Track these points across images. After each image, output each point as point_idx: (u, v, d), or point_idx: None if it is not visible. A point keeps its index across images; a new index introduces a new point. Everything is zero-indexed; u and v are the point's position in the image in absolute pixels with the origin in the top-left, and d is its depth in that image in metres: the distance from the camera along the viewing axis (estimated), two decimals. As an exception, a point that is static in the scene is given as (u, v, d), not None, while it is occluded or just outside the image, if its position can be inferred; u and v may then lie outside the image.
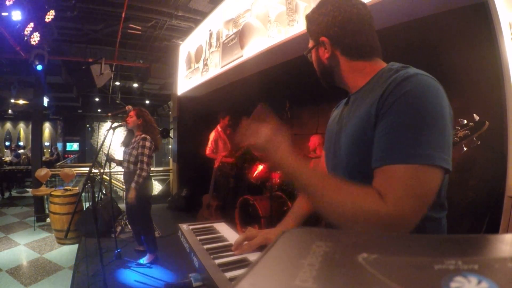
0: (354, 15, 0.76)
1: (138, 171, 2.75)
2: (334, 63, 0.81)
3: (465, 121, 1.48)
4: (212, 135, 4.40)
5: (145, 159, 2.77)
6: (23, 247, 4.04)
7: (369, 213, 0.57)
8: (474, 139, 1.43)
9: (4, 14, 3.88)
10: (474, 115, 1.48)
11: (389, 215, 0.56)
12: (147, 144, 2.81)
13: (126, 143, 3.00)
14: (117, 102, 10.41)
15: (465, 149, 1.44)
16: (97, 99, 12.18)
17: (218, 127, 4.42)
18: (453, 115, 0.66)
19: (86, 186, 2.40)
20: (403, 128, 0.59)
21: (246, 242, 0.86)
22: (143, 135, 2.86)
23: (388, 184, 0.58)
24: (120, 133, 3.63)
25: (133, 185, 2.71)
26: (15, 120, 13.50)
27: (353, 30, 0.77)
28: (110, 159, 2.98)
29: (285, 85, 3.98)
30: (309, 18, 0.85)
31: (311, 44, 0.86)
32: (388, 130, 0.60)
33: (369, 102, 0.68)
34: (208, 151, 4.36)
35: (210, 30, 4.29)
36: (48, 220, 4.94)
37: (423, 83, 0.61)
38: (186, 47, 5.36)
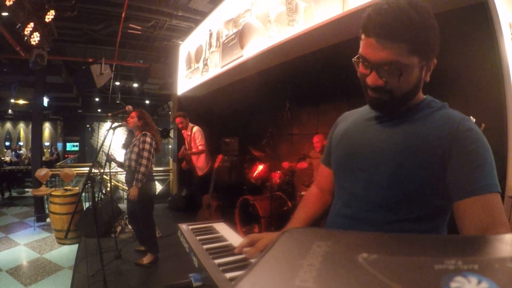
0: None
1: (137, 167, 2.74)
2: (420, 88, 0.76)
3: None
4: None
5: (146, 154, 2.77)
6: (23, 247, 4.04)
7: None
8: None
9: (4, 14, 3.88)
10: (471, 117, 1.48)
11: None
12: (148, 139, 2.81)
13: (126, 145, 3.01)
14: (117, 102, 10.41)
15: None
16: (97, 99, 12.18)
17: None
18: None
19: (86, 186, 2.40)
20: (480, 164, 0.67)
21: (248, 248, 0.83)
22: (143, 132, 2.87)
23: (496, 214, 0.65)
24: (120, 133, 3.63)
25: (134, 183, 2.71)
26: (15, 120, 13.49)
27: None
28: (110, 159, 2.98)
29: (285, 85, 3.98)
30: (425, 28, 0.65)
31: (412, 59, 0.66)
32: (469, 165, 0.67)
33: (428, 133, 0.71)
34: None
35: (210, 30, 4.29)
36: (48, 220, 4.94)
37: (480, 133, 0.71)
38: (186, 47, 5.36)
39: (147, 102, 11.90)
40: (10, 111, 12.28)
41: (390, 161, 0.73)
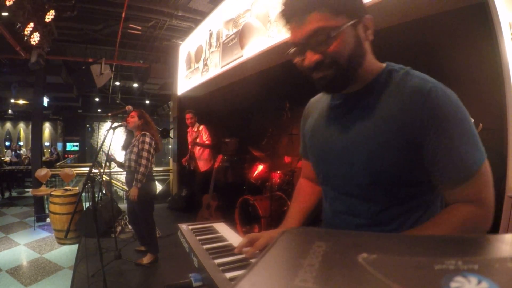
0: None
1: (137, 167, 2.74)
2: (366, 53, 0.70)
3: None
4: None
5: (145, 154, 2.76)
6: (23, 247, 4.04)
7: (473, 224, 0.66)
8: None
9: (4, 14, 3.88)
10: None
11: (489, 213, 0.67)
12: (147, 139, 2.81)
13: (126, 146, 3.01)
14: (117, 102, 10.41)
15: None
16: (97, 99, 12.19)
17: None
18: None
19: (86, 186, 2.39)
20: (462, 140, 0.65)
21: (247, 248, 0.83)
22: (142, 132, 2.87)
23: (478, 191, 0.66)
24: (120, 133, 3.63)
25: (134, 183, 2.71)
26: (15, 120, 13.50)
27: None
28: (110, 159, 2.98)
29: (285, 85, 3.97)
30: None
31: (340, 20, 0.63)
32: (450, 146, 0.64)
33: (393, 111, 0.68)
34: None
35: (210, 30, 4.29)
36: (48, 220, 4.94)
37: (449, 95, 0.67)
38: (186, 47, 5.36)
39: (147, 102, 11.90)
40: (10, 111, 12.29)
41: (362, 154, 0.71)
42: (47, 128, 13.88)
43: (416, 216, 0.72)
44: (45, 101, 7.81)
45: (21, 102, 9.68)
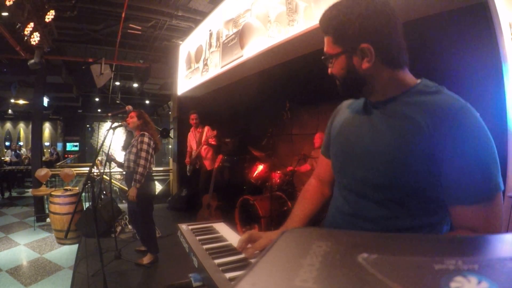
0: (394, 19, 0.71)
1: (135, 168, 2.74)
2: (371, 73, 0.73)
3: None
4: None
5: (144, 154, 2.76)
6: (23, 247, 4.04)
7: None
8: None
9: (4, 14, 3.88)
10: None
11: None
12: (146, 139, 2.80)
13: (126, 146, 3.01)
14: (117, 102, 10.41)
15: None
16: (97, 99, 12.18)
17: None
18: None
19: (86, 186, 2.39)
20: (484, 163, 0.64)
21: (249, 246, 0.84)
22: (141, 132, 2.87)
23: (487, 219, 0.64)
24: (120, 133, 3.63)
25: (133, 183, 2.71)
26: (15, 120, 13.49)
27: (395, 36, 0.71)
28: (110, 159, 2.98)
29: (285, 85, 3.98)
30: (342, 21, 0.72)
31: (336, 49, 0.75)
32: (472, 166, 0.64)
33: (419, 121, 0.68)
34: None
35: (210, 30, 4.29)
36: (48, 220, 4.94)
37: (478, 117, 0.67)
38: (186, 47, 5.36)
39: (147, 102, 11.90)
40: (10, 111, 12.28)
41: (383, 160, 0.73)
42: (47, 128, 13.88)
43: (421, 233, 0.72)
44: (45, 101, 7.81)
45: (21, 102, 9.67)
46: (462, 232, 0.65)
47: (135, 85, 8.91)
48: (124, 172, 3.23)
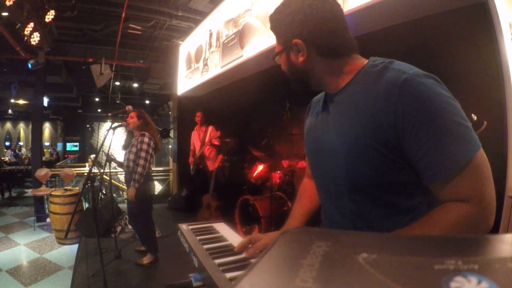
0: (328, 11, 0.70)
1: (135, 168, 2.74)
2: (310, 66, 0.74)
3: None
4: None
5: (143, 154, 2.76)
6: (23, 247, 4.04)
7: (468, 224, 0.59)
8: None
9: (4, 14, 3.88)
10: (472, 115, 1.48)
11: (487, 211, 0.59)
12: (146, 139, 2.80)
13: (126, 146, 3.01)
14: (117, 102, 10.41)
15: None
16: (97, 99, 12.19)
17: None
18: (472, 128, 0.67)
19: (86, 186, 2.39)
20: (443, 132, 0.59)
21: (250, 245, 0.84)
22: (141, 132, 2.87)
23: (472, 187, 0.59)
24: (120, 133, 3.63)
25: (132, 183, 2.71)
26: (15, 120, 13.50)
27: (329, 28, 0.70)
28: (110, 159, 2.98)
29: (285, 85, 3.97)
30: (275, 19, 0.76)
31: (278, 47, 0.78)
32: (431, 141, 0.59)
33: (367, 107, 0.66)
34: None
35: (210, 30, 4.29)
36: (48, 220, 4.94)
37: (427, 84, 0.61)
38: (186, 47, 5.36)
39: (147, 102, 11.91)
40: (10, 111, 12.29)
41: (340, 154, 0.71)
42: (47, 128, 13.89)
43: (406, 220, 0.67)
44: (45, 101, 7.81)
45: (21, 102, 9.68)
46: (452, 206, 0.60)
47: (135, 85, 8.92)
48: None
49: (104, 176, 3.68)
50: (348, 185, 0.72)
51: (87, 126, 15.26)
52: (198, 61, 4.76)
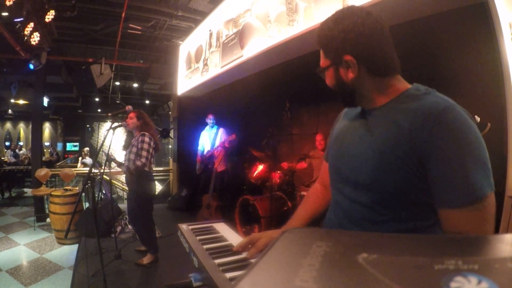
0: (379, 30, 0.73)
1: (135, 161, 2.73)
2: (358, 83, 0.77)
3: None
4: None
5: (145, 153, 2.76)
6: (23, 247, 4.04)
7: None
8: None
9: (4, 14, 3.88)
10: (476, 116, 1.48)
11: None
12: (146, 139, 2.81)
13: (126, 146, 3.01)
14: (117, 102, 10.41)
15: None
16: (97, 99, 12.18)
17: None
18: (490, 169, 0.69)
19: (86, 186, 2.39)
20: (471, 164, 0.61)
21: (250, 246, 0.84)
22: (141, 132, 2.87)
23: (478, 222, 0.62)
24: (121, 133, 3.63)
25: (124, 168, 2.74)
26: (15, 120, 13.48)
27: (380, 47, 0.73)
28: (110, 159, 2.98)
29: (285, 85, 3.98)
30: (326, 35, 0.77)
31: (326, 62, 0.80)
32: (457, 168, 0.62)
33: (404, 124, 0.68)
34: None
35: (210, 30, 4.29)
36: (48, 220, 4.93)
37: (464, 117, 0.65)
38: (186, 47, 5.36)
39: (147, 102, 11.90)
40: (10, 111, 12.28)
41: (370, 161, 0.74)
42: (47, 128, 13.87)
43: None
44: (45, 101, 7.81)
45: (21, 102, 9.68)
46: None
47: (135, 85, 8.92)
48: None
49: (104, 176, 3.67)
50: (370, 192, 0.74)
51: (87, 126, 15.25)
52: (198, 61, 4.75)
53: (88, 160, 7.90)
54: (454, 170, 0.62)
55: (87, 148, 8.67)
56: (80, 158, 8.41)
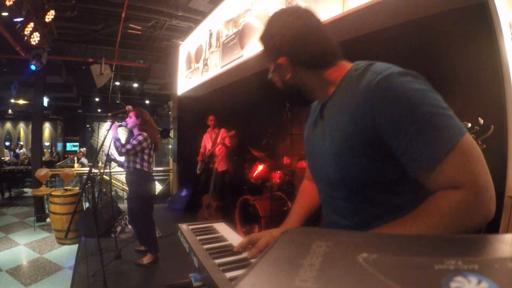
0: (303, 26, 0.74)
1: (128, 147, 2.73)
2: (298, 80, 0.79)
3: (470, 125, 1.46)
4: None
5: (129, 146, 2.76)
6: (23, 247, 4.04)
7: (462, 212, 0.56)
8: (479, 142, 1.40)
9: (4, 14, 3.88)
10: (479, 118, 1.47)
11: (482, 196, 0.56)
12: (140, 138, 2.80)
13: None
14: (117, 102, 10.41)
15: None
16: (97, 99, 12.19)
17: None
18: (454, 116, 0.65)
19: (86, 186, 2.39)
20: (423, 123, 0.58)
21: (250, 246, 0.85)
22: (139, 132, 2.87)
23: (461, 172, 0.57)
24: (120, 133, 3.64)
25: (112, 143, 2.75)
26: (15, 120, 13.49)
27: (307, 42, 0.74)
28: (110, 159, 2.99)
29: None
30: (262, 46, 0.82)
31: (270, 66, 0.83)
32: (412, 135, 0.59)
33: (349, 111, 0.68)
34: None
35: (210, 30, 4.29)
36: (48, 220, 4.94)
37: (402, 80, 0.62)
38: (186, 47, 5.36)
39: (147, 102, 11.90)
40: (10, 111, 12.28)
41: (331, 157, 0.74)
42: (47, 128, 13.88)
43: (399, 217, 0.65)
44: (45, 101, 7.80)
45: (21, 102, 9.68)
46: (442, 194, 0.58)
47: (135, 85, 8.92)
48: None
49: (104, 176, 3.67)
50: (341, 187, 0.75)
51: (87, 126, 15.25)
52: (198, 61, 4.75)
53: (85, 160, 7.92)
54: (410, 140, 0.59)
55: (83, 149, 8.70)
56: (76, 159, 8.43)
